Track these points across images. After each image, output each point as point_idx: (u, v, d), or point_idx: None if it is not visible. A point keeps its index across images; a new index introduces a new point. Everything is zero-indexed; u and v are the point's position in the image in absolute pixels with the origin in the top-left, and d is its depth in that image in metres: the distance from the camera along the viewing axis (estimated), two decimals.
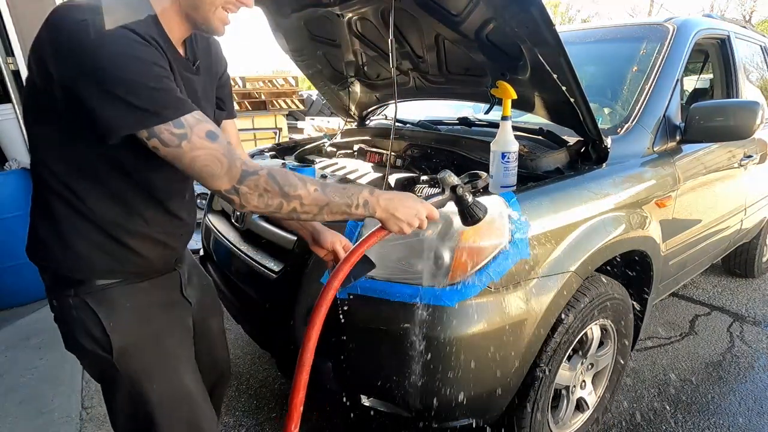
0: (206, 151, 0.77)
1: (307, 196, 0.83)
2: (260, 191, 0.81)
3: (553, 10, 20.90)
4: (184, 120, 0.76)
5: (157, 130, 0.75)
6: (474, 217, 1.01)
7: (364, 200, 0.88)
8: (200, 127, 0.77)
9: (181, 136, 0.76)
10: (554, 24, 1.22)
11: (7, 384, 2.11)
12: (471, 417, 1.31)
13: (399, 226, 0.92)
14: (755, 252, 3.10)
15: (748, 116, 1.72)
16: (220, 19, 0.86)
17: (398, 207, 0.91)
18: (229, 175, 0.79)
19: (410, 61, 1.92)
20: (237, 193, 0.80)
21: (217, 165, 0.78)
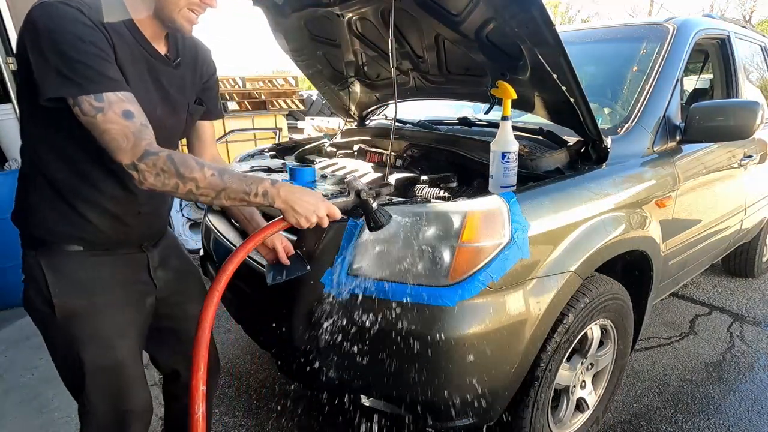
0: (117, 126, 0.85)
1: (202, 179, 0.90)
2: (157, 170, 0.87)
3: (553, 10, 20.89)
4: (105, 96, 0.85)
5: (79, 99, 0.84)
6: (377, 223, 1.06)
7: (264, 190, 0.93)
8: (119, 106, 0.86)
9: (98, 108, 0.84)
10: (554, 24, 1.22)
11: (7, 384, 2.11)
12: (471, 417, 1.31)
13: (297, 218, 0.96)
14: (755, 252, 3.10)
15: (748, 116, 1.72)
16: (185, 19, 0.95)
17: (297, 201, 0.95)
18: (132, 151, 0.86)
19: (410, 61, 1.91)
20: (136, 170, 0.87)
21: (123, 140, 0.86)
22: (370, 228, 1.08)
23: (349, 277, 1.26)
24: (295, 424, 1.85)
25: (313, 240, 1.36)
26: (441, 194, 1.53)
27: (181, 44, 1.09)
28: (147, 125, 0.89)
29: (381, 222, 1.06)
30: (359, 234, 1.28)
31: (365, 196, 1.05)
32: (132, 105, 0.88)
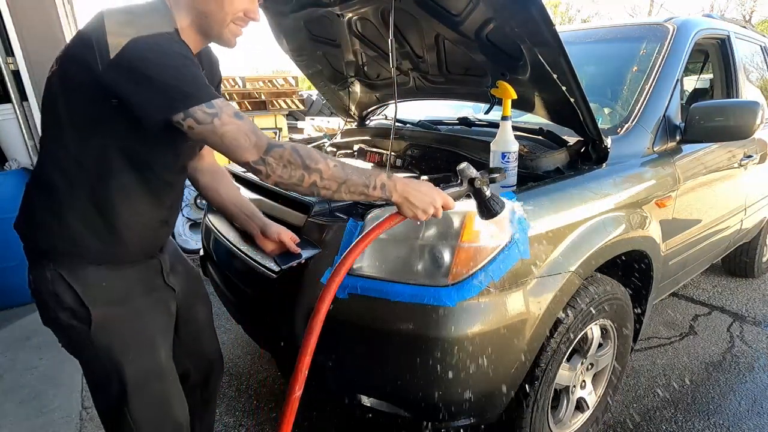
0: (235, 126, 0.85)
1: (326, 170, 0.89)
2: (284, 162, 0.87)
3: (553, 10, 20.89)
4: (214, 102, 0.85)
5: (192, 110, 0.83)
6: (491, 211, 1.02)
7: (381, 183, 0.93)
8: (228, 108, 0.87)
9: (213, 114, 0.84)
10: (554, 24, 1.22)
11: (7, 384, 2.11)
12: (471, 417, 1.31)
13: (413, 211, 0.95)
14: (755, 252, 3.10)
15: (748, 116, 1.72)
16: (232, 33, 0.96)
17: (414, 193, 0.94)
18: (257, 147, 0.86)
19: (410, 61, 1.91)
20: (264, 163, 0.87)
21: (245, 138, 0.86)
22: (482, 216, 1.04)
23: (349, 276, 1.26)
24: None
25: (313, 240, 1.36)
26: None
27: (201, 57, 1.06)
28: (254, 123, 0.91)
29: (495, 210, 1.02)
30: (358, 234, 1.28)
31: (479, 185, 1.01)
32: (235, 106, 0.91)
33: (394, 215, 0.96)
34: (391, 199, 0.94)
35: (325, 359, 1.33)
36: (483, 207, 1.02)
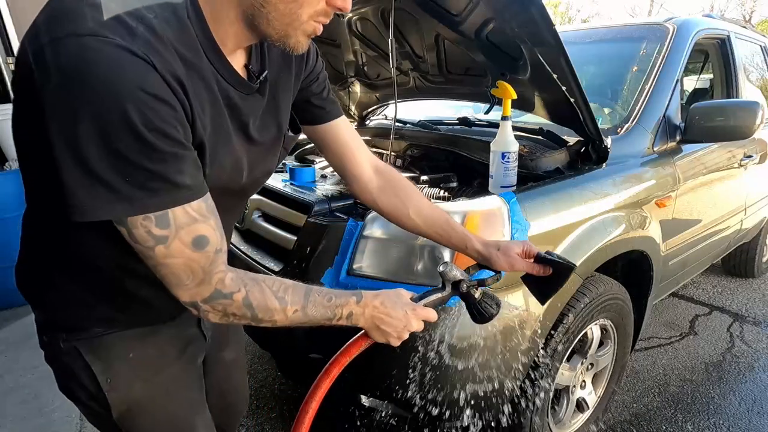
0: (183, 260, 0.60)
1: (282, 320, 0.71)
2: (226, 314, 0.67)
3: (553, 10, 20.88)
4: (171, 216, 0.57)
5: (131, 220, 0.56)
6: (484, 315, 0.86)
7: (348, 312, 0.77)
8: (190, 230, 0.59)
9: (161, 239, 0.57)
10: (554, 24, 1.22)
11: (7, 384, 2.11)
12: (470, 417, 1.31)
13: (386, 338, 0.81)
14: (755, 252, 3.10)
15: (748, 116, 1.72)
16: (305, 34, 0.65)
17: (386, 320, 0.79)
18: (197, 289, 0.63)
19: (410, 61, 1.91)
20: (195, 308, 0.66)
21: (188, 276, 0.62)
22: (475, 320, 0.88)
23: (349, 277, 1.26)
24: None
25: (313, 240, 1.36)
26: (441, 194, 1.53)
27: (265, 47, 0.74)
28: (222, 249, 0.65)
29: (490, 312, 0.86)
30: (359, 234, 1.28)
31: (465, 289, 0.85)
32: (206, 222, 0.61)
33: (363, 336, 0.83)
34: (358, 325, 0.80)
35: (326, 360, 1.33)
36: (474, 311, 0.87)
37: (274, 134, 0.79)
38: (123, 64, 0.50)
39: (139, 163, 0.53)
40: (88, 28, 0.50)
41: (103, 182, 0.53)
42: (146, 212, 0.56)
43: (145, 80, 0.51)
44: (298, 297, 0.72)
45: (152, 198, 0.55)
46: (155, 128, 0.52)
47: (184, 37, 0.58)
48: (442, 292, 0.86)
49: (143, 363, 0.78)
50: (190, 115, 0.59)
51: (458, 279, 0.85)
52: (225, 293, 0.65)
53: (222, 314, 0.67)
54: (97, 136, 0.50)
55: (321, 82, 0.88)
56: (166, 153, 0.54)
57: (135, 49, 0.51)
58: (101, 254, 0.69)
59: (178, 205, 0.58)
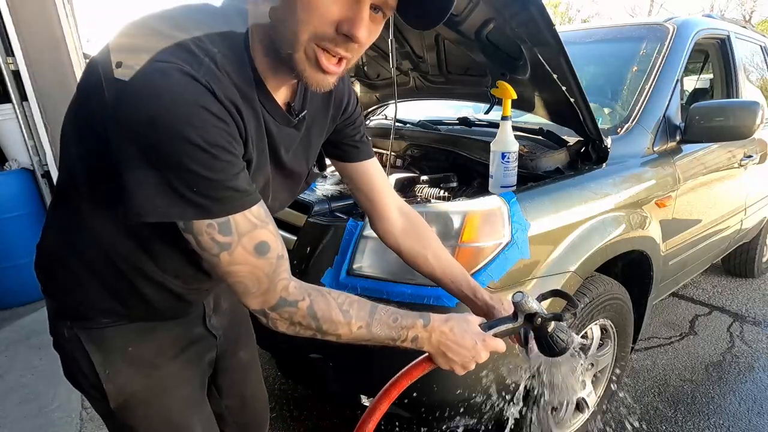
0: (248, 267, 0.63)
1: (347, 335, 0.72)
2: (293, 323, 0.69)
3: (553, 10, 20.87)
4: (233, 222, 0.60)
5: (197, 227, 0.60)
6: (554, 349, 0.81)
7: (414, 335, 0.76)
8: (251, 236, 0.62)
9: (224, 245, 0.61)
10: (554, 24, 1.22)
11: (7, 384, 2.11)
12: (471, 417, 1.31)
13: (450, 365, 0.79)
14: (755, 252, 3.10)
15: (748, 116, 1.72)
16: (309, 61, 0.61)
17: (453, 348, 0.77)
18: (264, 297, 0.66)
19: (410, 61, 1.92)
20: (264, 316, 0.68)
21: (254, 284, 0.64)
22: (544, 353, 0.83)
23: (349, 277, 1.26)
24: (295, 424, 1.84)
25: (313, 240, 1.36)
26: (441, 194, 1.53)
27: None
28: (284, 255, 0.67)
29: (560, 347, 0.80)
30: (359, 234, 1.28)
31: (540, 323, 0.80)
32: (266, 228, 0.64)
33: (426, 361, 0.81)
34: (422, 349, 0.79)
35: (326, 360, 1.33)
36: (544, 343, 0.82)
37: (301, 167, 0.83)
38: (188, 87, 0.55)
39: (202, 173, 0.57)
40: (160, 54, 0.55)
41: (172, 188, 0.57)
42: (210, 218, 0.59)
43: (207, 101, 0.56)
44: (363, 313, 0.72)
45: (215, 204, 0.59)
46: (215, 143, 0.57)
47: (239, 70, 0.63)
48: (513, 323, 0.82)
49: (141, 358, 0.80)
50: (244, 134, 0.63)
51: (533, 312, 0.81)
52: (290, 301, 0.67)
53: (289, 323, 0.69)
54: (164, 148, 0.55)
55: (357, 127, 0.92)
56: (225, 164, 0.58)
57: (199, 76, 0.56)
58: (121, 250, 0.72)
59: (238, 212, 0.61)
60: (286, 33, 0.60)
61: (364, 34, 0.59)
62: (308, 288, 0.69)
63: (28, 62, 2.71)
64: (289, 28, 0.59)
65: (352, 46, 0.60)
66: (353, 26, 0.58)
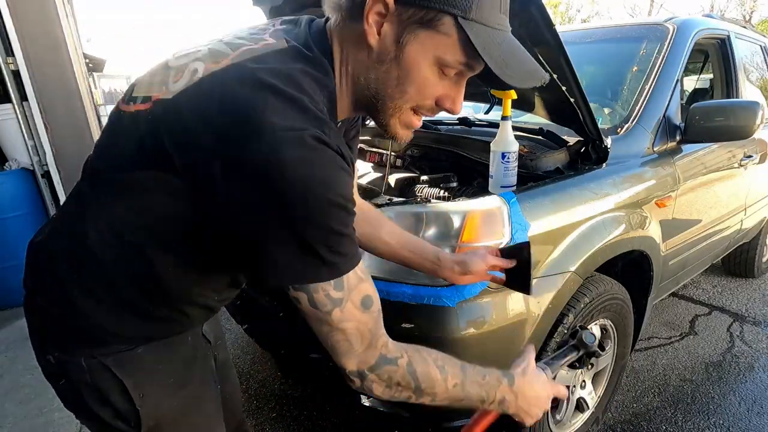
0: (354, 323, 0.62)
1: (442, 393, 0.70)
2: (390, 384, 0.67)
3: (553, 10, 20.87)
4: (345, 280, 0.60)
5: (316, 286, 0.59)
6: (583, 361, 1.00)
7: (501, 397, 0.76)
8: (359, 290, 0.62)
9: (337, 301, 0.60)
10: (554, 24, 1.22)
11: (7, 384, 2.11)
12: (470, 417, 1.31)
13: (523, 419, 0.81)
14: (755, 252, 3.09)
15: (748, 116, 1.72)
16: (405, 124, 0.68)
17: (529, 407, 0.80)
18: (364, 355, 0.65)
19: None
20: (361, 378, 0.66)
21: (358, 341, 0.63)
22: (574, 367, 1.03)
23: None
24: (295, 424, 1.84)
25: None
26: (441, 194, 1.53)
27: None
28: (380, 309, 0.67)
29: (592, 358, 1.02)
30: None
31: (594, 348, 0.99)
32: (368, 280, 0.64)
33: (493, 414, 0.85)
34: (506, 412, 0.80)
35: (326, 360, 1.33)
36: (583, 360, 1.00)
37: None
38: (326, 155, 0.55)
39: (342, 231, 0.58)
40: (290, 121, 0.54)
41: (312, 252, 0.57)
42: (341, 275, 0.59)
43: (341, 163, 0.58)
44: (456, 369, 0.72)
45: (344, 261, 0.60)
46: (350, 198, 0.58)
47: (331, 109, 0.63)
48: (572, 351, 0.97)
49: (172, 373, 0.76)
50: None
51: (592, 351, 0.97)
52: (390, 358, 0.66)
53: (386, 385, 0.67)
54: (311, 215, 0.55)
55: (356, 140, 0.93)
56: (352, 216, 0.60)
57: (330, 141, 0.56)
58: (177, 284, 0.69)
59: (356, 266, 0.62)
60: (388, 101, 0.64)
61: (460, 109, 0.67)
62: (403, 344, 0.69)
63: (28, 62, 2.71)
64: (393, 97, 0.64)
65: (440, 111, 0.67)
66: (455, 104, 0.66)
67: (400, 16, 0.59)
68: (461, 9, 0.57)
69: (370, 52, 0.62)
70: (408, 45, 0.60)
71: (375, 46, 0.61)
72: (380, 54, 0.61)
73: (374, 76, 0.63)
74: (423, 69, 0.61)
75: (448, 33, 0.59)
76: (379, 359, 0.65)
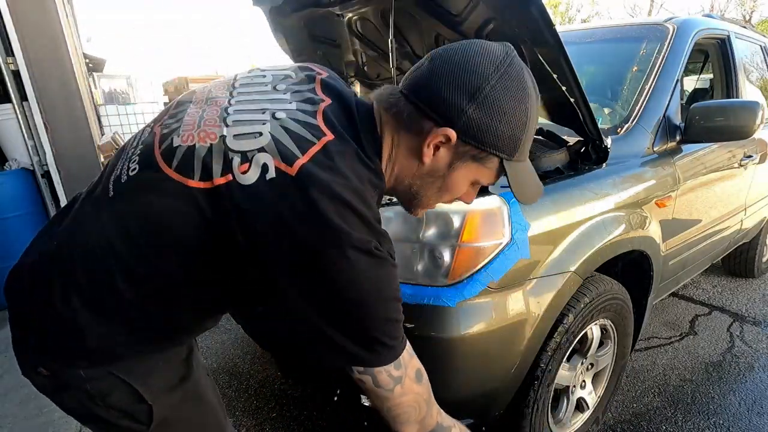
0: (412, 396, 0.69)
1: None
2: None
3: (553, 10, 20.85)
4: (402, 359, 0.68)
5: (377, 370, 0.66)
6: None
7: None
8: (412, 366, 0.70)
9: (398, 379, 0.67)
10: (554, 24, 1.22)
11: (7, 384, 2.11)
12: (471, 417, 1.31)
13: None
14: (755, 252, 3.10)
15: (748, 116, 1.72)
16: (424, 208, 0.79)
17: None
18: (422, 423, 0.71)
19: (410, 61, 1.91)
20: None
21: (414, 412, 0.70)
22: None
23: None
24: (295, 424, 1.84)
25: None
26: None
27: None
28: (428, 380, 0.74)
29: None
30: None
31: None
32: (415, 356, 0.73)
33: None
34: None
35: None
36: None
37: None
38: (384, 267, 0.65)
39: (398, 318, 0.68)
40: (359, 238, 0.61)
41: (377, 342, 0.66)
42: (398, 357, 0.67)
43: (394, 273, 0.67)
44: None
45: (399, 344, 0.68)
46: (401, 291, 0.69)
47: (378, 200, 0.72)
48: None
49: (173, 368, 0.80)
50: None
51: None
52: (444, 426, 0.74)
53: None
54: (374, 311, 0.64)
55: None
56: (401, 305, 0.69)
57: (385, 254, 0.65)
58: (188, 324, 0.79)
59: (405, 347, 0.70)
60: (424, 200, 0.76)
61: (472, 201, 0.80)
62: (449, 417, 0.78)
63: (28, 62, 2.71)
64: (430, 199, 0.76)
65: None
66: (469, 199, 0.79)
67: (457, 148, 0.69)
68: (508, 153, 0.70)
69: (420, 166, 0.72)
70: (457, 170, 0.72)
71: (427, 164, 0.71)
72: (431, 171, 0.72)
73: (419, 183, 0.74)
74: (462, 186, 0.74)
75: (491, 168, 0.72)
76: (436, 427, 0.74)
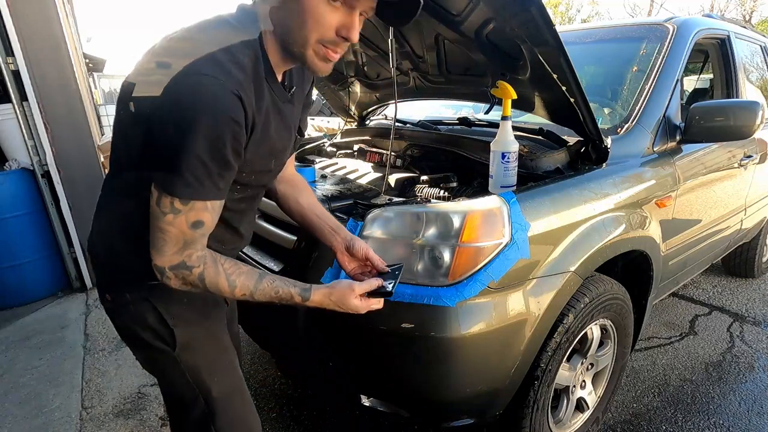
0: (176, 231, 0.78)
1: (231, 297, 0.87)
2: (184, 282, 0.83)
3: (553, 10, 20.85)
4: (193, 203, 0.77)
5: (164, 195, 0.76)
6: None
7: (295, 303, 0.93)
8: (193, 215, 0.78)
9: (175, 210, 0.77)
10: (554, 24, 1.22)
11: (7, 384, 2.11)
12: (470, 417, 1.31)
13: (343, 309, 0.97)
14: (755, 252, 3.10)
15: (748, 116, 1.72)
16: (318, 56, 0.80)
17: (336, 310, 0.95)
18: (170, 257, 0.80)
19: (410, 61, 1.91)
20: (160, 273, 0.81)
21: (170, 245, 0.79)
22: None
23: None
24: (295, 424, 1.84)
25: (313, 240, 1.35)
26: (441, 194, 1.53)
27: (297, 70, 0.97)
28: (206, 234, 0.83)
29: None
30: (359, 233, 1.28)
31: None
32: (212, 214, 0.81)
33: None
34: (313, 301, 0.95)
35: (326, 359, 1.33)
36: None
37: (292, 134, 1.00)
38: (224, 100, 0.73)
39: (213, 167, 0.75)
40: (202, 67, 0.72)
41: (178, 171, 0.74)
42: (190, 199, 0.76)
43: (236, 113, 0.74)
44: (248, 283, 0.87)
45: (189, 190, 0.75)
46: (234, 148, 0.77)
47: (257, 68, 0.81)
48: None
49: (195, 308, 0.97)
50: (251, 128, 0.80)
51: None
52: (187, 265, 0.81)
53: (181, 282, 0.83)
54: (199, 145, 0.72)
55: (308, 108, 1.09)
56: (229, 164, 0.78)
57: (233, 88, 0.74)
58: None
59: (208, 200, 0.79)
60: (298, 37, 0.78)
61: (357, 37, 0.80)
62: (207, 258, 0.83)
63: (28, 62, 2.71)
64: (300, 34, 0.77)
65: (345, 44, 0.81)
66: (350, 32, 0.78)
67: None
68: None
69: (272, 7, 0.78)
70: None
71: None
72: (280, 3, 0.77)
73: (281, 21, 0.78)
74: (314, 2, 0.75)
75: None
76: (179, 263, 0.81)
